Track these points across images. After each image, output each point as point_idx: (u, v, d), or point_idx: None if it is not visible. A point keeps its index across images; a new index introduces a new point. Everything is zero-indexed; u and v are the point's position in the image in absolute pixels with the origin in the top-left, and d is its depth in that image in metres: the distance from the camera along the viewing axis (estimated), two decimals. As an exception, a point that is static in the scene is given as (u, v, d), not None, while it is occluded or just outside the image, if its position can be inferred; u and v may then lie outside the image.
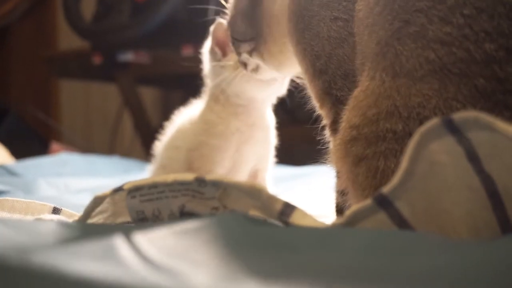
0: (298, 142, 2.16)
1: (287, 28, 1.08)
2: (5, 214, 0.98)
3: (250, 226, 0.65)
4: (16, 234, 0.68)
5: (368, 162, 0.81)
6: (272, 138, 1.45)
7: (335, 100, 1.00)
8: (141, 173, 2.41)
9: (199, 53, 1.47)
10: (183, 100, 1.50)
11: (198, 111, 1.44)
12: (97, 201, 0.85)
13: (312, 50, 1.02)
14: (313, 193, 1.69)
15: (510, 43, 0.74)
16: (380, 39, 0.84)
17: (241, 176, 1.44)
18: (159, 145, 1.52)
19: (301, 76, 1.12)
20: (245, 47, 1.20)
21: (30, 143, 2.91)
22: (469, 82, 0.76)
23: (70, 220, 0.88)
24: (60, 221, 0.83)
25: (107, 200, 0.85)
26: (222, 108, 1.39)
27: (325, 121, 1.06)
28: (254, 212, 0.75)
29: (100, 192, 1.85)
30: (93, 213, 0.86)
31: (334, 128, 1.01)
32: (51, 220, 0.86)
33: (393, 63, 0.82)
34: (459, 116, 0.66)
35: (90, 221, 0.85)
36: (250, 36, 1.18)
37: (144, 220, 0.82)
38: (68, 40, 3.63)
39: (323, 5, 1.00)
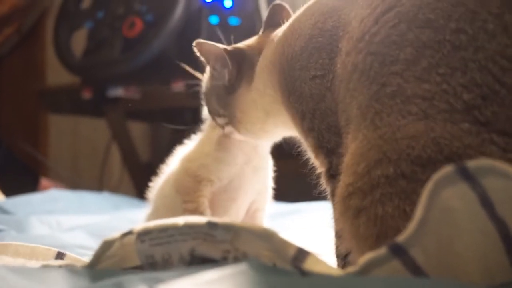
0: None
1: (281, 98, 1.15)
2: (8, 259, 0.98)
3: (270, 276, 0.65)
4: (29, 283, 0.68)
5: (367, 211, 0.83)
6: (270, 178, 1.46)
7: (327, 151, 1.07)
8: (132, 210, 2.40)
9: (189, 88, 1.50)
10: (172, 135, 1.51)
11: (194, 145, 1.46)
12: (106, 245, 0.84)
13: (297, 112, 1.10)
14: (308, 230, 1.69)
15: (484, 91, 0.80)
16: (360, 104, 0.91)
17: (240, 212, 1.44)
18: (154, 188, 1.51)
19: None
20: (219, 120, 1.31)
21: (21, 178, 2.88)
22: (454, 126, 0.80)
23: (78, 266, 0.87)
24: (69, 268, 0.82)
25: (116, 244, 0.85)
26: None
27: (320, 169, 1.12)
28: (266, 254, 0.76)
29: (94, 230, 1.84)
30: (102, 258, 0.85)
31: (330, 175, 1.08)
32: (60, 267, 0.85)
33: (373, 119, 0.87)
34: (473, 163, 0.69)
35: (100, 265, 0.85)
36: (222, 114, 1.28)
37: (153, 264, 0.82)
38: (57, 74, 3.63)
39: (302, 67, 1.08)
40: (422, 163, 0.80)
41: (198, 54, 1.27)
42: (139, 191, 3.36)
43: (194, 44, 1.25)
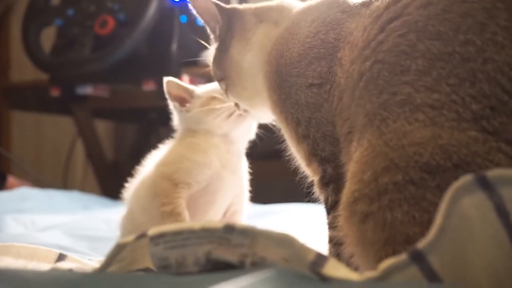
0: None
1: (271, 100, 1.17)
2: (10, 260, 0.97)
3: (300, 283, 0.67)
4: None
5: (375, 216, 0.85)
6: (246, 180, 1.48)
7: (321, 159, 1.08)
8: (103, 209, 2.40)
9: (160, 88, 1.52)
10: (137, 134, 1.51)
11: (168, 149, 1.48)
12: (119, 248, 0.84)
13: (293, 117, 1.11)
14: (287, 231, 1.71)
15: (493, 102, 0.83)
16: (368, 112, 0.92)
17: (218, 214, 1.45)
18: (129, 190, 1.51)
19: (286, 140, 1.19)
20: (221, 86, 1.31)
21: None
22: (461, 133, 0.82)
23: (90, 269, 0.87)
24: (81, 271, 0.82)
25: (128, 247, 0.85)
26: (200, 137, 1.44)
27: (313, 178, 1.13)
28: (284, 259, 0.77)
29: (69, 229, 1.82)
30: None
31: (324, 183, 1.09)
32: (70, 270, 0.85)
33: (379, 126, 0.89)
34: (493, 173, 0.71)
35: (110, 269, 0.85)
36: (220, 77, 1.29)
37: (167, 267, 0.82)
38: (21, 71, 3.57)
39: (299, 74, 1.09)
40: (431, 170, 0.81)
41: (194, 11, 1.27)
42: (104, 189, 3.34)
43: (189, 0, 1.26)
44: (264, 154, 2.30)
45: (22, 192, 2.48)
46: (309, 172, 1.14)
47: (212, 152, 1.41)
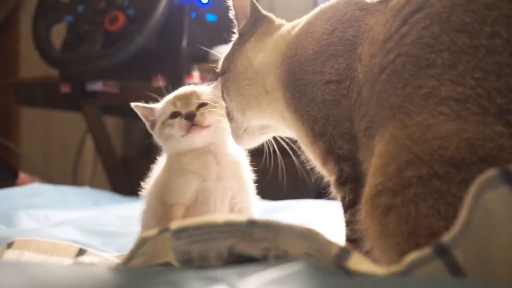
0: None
1: (285, 99, 1.15)
2: (30, 255, 0.97)
3: (329, 277, 0.67)
4: (78, 282, 0.68)
5: (398, 210, 0.84)
6: (244, 178, 1.44)
7: (338, 158, 1.07)
8: (114, 205, 2.40)
9: (170, 84, 1.51)
10: (146, 130, 1.51)
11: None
12: (142, 242, 0.85)
13: (309, 115, 1.10)
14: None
15: None
16: (391, 105, 0.91)
17: (220, 211, 1.44)
18: (145, 188, 1.51)
19: (299, 140, 1.18)
20: (221, 80, 1.29)
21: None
22: (487, 128, 0.82)
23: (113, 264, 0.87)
24: (107, 265, 0.82)
25: (150, 241, 0.85)
26: (173, 158, 1.43)
27: (329, 178, 1.12)
28: (307, 253, 0.77)
29: (82, 225, 1.83)
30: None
31: (341, 182, 1.08)
32: (93, 264, 0.85)
33: (402, 119, 0.88)
34: None
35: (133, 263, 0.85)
36: (225, 68, 1.27)
37: (190, 261, 0.82)
38: (30, 68, 3.58)
39: (316, 71, 1.09)
40: (456, 164, 0.81)
41: (231, 4, 1.28)
42: (113, 185, 3.35)
43: None
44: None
45: (34, 188, 2.50)
46: (324, 172, 1.14)
47: (187, 171, 1.40)
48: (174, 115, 1.39)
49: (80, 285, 0.67)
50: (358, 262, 0.74)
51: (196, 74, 2.66)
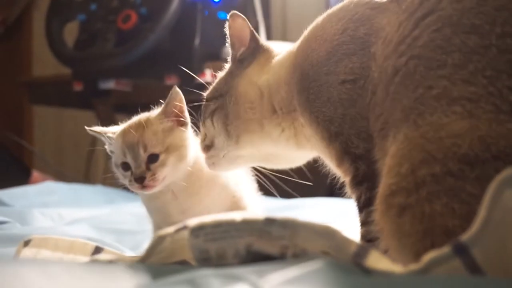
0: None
1: (299, 103, 1.15)
2: (47, 253, 0.98)
3: (347, 276, 0.67)
4: (97, 278, 0.69)
5: (412, 209, 0.84)
6: (230, 184, 1.39)
7: (354, 157, 1.07)
8: (128, 203, 2.41)
9: (183, 83, 1.49)
10: None
11: None
12: (159, 240, 0.85)
13: (325, 116, 1.10)
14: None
15: None
16: (404, 107, 0.92)
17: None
18: None
19: (316, 145, 1.16)
20: (211, 105, 1.26)
21: (12, 170, 2.86)
22: (499, 125, 0.82)
23: (131, 261, 0.87)
24: (124, 263, 0.82)
25: (167, 239, 0.85)
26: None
27: (345, 178, 1.12)
28: (325, 251, 0.77)
29: (96, 223, 1.84)
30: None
31: (357, 182, 1.08)
32: (110, 262, 0.86)
33: (415, 120, 0.89)
34: None
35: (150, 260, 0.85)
36: (221, 92, 1.25)
37: (208, 259, 0.82)
38: (42, 66, 3.59)
39: (330, 72, 1.09)
40: (470, 161, 0.81)
41: (228, 29, 1.26)
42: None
43: (229, 15, 1.26)
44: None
45: (48, 186, 2.51)
46: (340, 173, 1.13)
47: (152, 208, 1.38)
48: (125, 167, 1.32)
49: (100, 283, 0.67)
50: (377, 260, 0.74)
51: (208, 72, 2.67)
